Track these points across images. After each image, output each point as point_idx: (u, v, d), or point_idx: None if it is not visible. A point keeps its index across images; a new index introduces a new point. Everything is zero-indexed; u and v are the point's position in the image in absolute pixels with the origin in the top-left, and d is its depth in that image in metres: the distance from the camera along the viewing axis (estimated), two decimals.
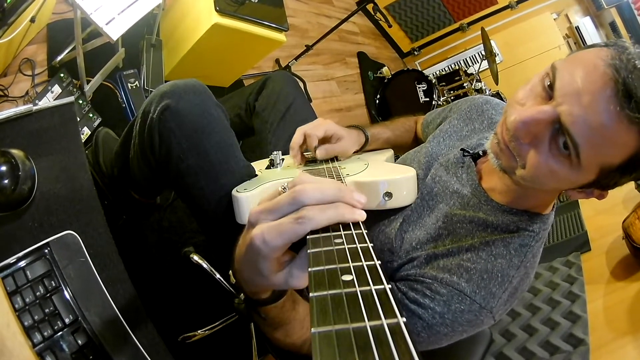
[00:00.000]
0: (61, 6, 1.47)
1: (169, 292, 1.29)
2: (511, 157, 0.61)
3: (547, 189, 0.64)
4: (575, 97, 0.53)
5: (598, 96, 0.51)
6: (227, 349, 1.28)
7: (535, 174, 0.59)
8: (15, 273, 0.59)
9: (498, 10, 3.62)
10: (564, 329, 1.33)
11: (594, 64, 0.53)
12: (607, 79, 0.51)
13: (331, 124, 0.87)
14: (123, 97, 1.55)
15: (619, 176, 0.56)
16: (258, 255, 0.40)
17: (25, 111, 0.69)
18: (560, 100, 0.54)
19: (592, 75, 0.52)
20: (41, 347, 0.57)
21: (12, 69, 1.30)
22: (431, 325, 0.64)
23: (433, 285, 0.65)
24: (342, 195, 0.40)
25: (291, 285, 0.43)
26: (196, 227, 1.46)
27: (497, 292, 0.64)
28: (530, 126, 0.56)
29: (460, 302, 0.63)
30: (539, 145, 0.57)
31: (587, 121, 0.52)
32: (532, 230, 0.68)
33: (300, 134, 0.86)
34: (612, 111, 0.50)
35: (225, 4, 1.46)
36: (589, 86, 0.52)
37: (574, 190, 0.62)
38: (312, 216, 0.38)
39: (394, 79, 3.25)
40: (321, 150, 0.85)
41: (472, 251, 0.67)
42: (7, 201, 0.62)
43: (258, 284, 0.47)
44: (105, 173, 1.17)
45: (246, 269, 0.45)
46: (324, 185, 0.41)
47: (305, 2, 2.97)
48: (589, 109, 0.51)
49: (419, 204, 0.76)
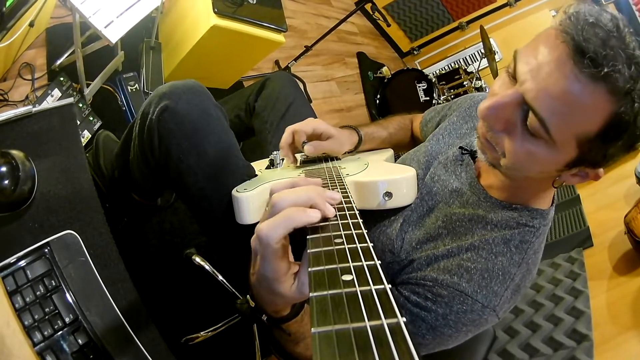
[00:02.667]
0: (60, 10, 1.48)
1: (171, 294, 1.29)
2: (492, 149, 0.62)
3: (534, 175, 0.63)
4: (534, 72, 0.53)
5: (554, 64, 0.50)
6: (230, 351, 1.27)
7: (516, 160, 0.59)
8: (15, 272, 0.59)
9: (497, 8, 3.61)
10: (568, 324, 1.33)
11: (548, 35, 0.53)
12: (560, 43, 0.50)
13: (320, 122, 0.87)
14: (123, 100, 1.56)
15: (603, 146, 0.53)
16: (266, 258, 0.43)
17: (25, 112, 0.69)
18: (522, 80, 0.54)
19: (547, 46, 0.52)
20: (41, 346, 0.57)
21: (12, 74, 1.31)
22: (435, 327, 0.64)
23: (434, 288, 0.65)
24: (314, 196, 0.43)
25: (304, 293, 0.44)
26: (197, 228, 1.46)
27: (499, 290, 0.63)
28: (498, 111, 0.57)
29: (462, 303, 0.63)
30: (513, 131, 0.57)
31: (548, 92, 0.51)
32: (533, 225, 0.67)
33: (289, 133, 0.85)
34: (569, 74, 0.49)
35: (223, 6, 1.46)
36: (545, 57, 0.52)
37: (564, 173, 0.60)
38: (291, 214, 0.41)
39: (394, 79, 3.25)
40: (309, 147, 0.84)
41: (472, 250, 0.66)
42: (8, 201, 0.62)
43: (277, 303, 0.49)
44: (105, 175, 1.17)
45: (263, 291, 0.47)
46: (299, 190, 0.44)
47: (304, 3, 2.98)
48: (549, 79, 0.51)
49: (418, 203, 0.75)
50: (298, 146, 0.86)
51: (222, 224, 0.82)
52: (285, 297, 0.45)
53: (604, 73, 0.47)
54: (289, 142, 0.86)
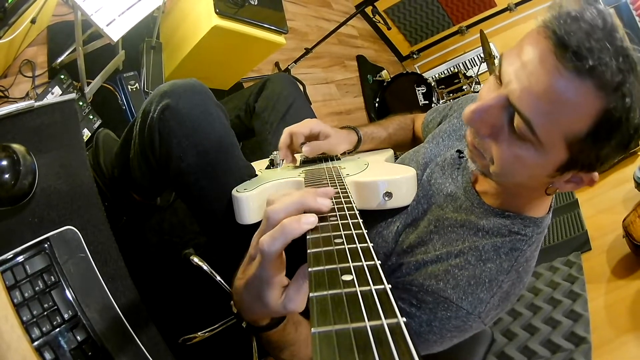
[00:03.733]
0: (62, 8, 1.48)
1: (169, 294, 1.28)
2: (481, 156, 0.61)
3: (524, 180, 0.60)
4: (519, 72, 0.51)
5: (537, 61, 0.49)
6: (228, 351, 1.27)
7: (503, 165, 0.57)
8: (14, 267, 0.59)
9: (497, 13, 3.63)
10: (566, 327, 1.33)
11: (531, 34, 0.52)
12: (542, 38, 0.49)
13: (317, 122, 0.87)
14: (123, 99, 1.56)
15: (594, 146, 0.50)
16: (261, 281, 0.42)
17: (27, 107, 0.69)
18: (507, 81, 0.53)
19: (530, 44, 0.51)
20: (40, 342, 0.57)
21: (13, 70, 1.31)
22: (419, 333, 0.63)
23: (419, 294, 0.64)
24: (304, 200, 0.43)
25: (288, 309, 0.42)
26: (197, 228, 1.45)
27: (485, 297, 0.62)
28: (483, 115, 0.55)
29: (446, 310, 0.62)
30: (499, 135, 0.56)
31: (532, 91, 0.49)
32: (525, 234, 0.66)
33: (287, 134, 0.85)
34: (552, 70, 0.47)
35: (225, 7, 1.47)
36: (529, 56, 0.50)
37: (557, 179, 0.58)
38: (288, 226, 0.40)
39: (393, 82, 3.26)
40: (307, 148, 0.84)
41: (460, 256, 0.65)
42: (8, 196, 0.62)
43: (257, 312, 0.48)
44: (105, 174, 1.17)
45: (247, 298, 0.47)
46: (287, 199, 0.43)
47: (304, 5, 2.99)
48: (532, 78, 0.49)
49: (414, 206, 0.75)
50: (296, 147, 0.86)
51: (221, 224, 0.82)
52: (269, 307, 0.43)
53: (589, 66, 0.44)
54: (287, 143, 0.86)
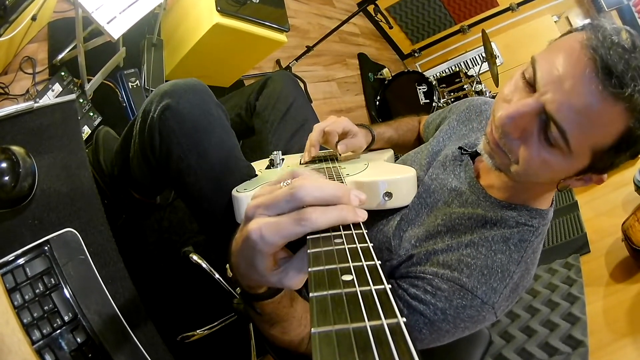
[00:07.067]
0: (62, 5, 1.47)
1: (168, 292, 1.28)
2: (503, 155, 0.62)
3: (544, 180, 0.64)
4: (557, 84, 0.53)
5: (579, 79, 0.51)
6: (226, 349, 1.27)
7: (529, 168, 0.59)
8: (14, 270, 0.59)
9: (499, 13, 3.62)
10: (563, 330, 1.33)
11: (571, 48, 0.53)
12: (586, 59, 0.51)
13: (347, 121, 0.88)
14: (124, 96, 1.55)
15: (614, 156, 0.55)
16: (254, 250, 0.39)
17: (27, 108, 0.68)
18: (543, 90, 0.55)
19: (571, 59, 0.53)
20: (40, 344, 0.57)
21: (13, 67, 1.30)
22: (433, 321, 0.64)
23: (434, 281, 0.65)
24: (341, 195, 0.39)
25: (285, 285, 0.42)
26: (196, 227, 1.46)
27: (499, 287, 0.64)
28: (517, 120, 0.57)
29: (462, 298, 0.63)
30: (529, 139, 0.58)
31: (571, 106, 0.52)
32: (532, 225, 0.68)
33: (319, 132, 0.85)
34: (594, 91, 0.50)
35: (226, 4, 1.46)
36: (569, 70, 0.52)
37: (571, 178, 0.62)
38: (314, 219, 0.36)
39: (395, 81, 3.26)
40: (342, 146, 0.85)
41: (471, 247, 0.67)
42: (8, 198, 0.62)
43: (253, 279, 0.45)
44: (105, 172, 1.17)
45: (242, 263, 0.44)
46: (323, 183, 0.39)
47: (306, 3, 2.98)
48: (572, 93, 0.52)
49: (416, 202, 0.76)
50: (329, 145, 0.87)
51: (221, 224, 0.82)
52: (262, 277, 0.42)
53: (627, 94, 0.49)
54: (320, 140, 0.86)
